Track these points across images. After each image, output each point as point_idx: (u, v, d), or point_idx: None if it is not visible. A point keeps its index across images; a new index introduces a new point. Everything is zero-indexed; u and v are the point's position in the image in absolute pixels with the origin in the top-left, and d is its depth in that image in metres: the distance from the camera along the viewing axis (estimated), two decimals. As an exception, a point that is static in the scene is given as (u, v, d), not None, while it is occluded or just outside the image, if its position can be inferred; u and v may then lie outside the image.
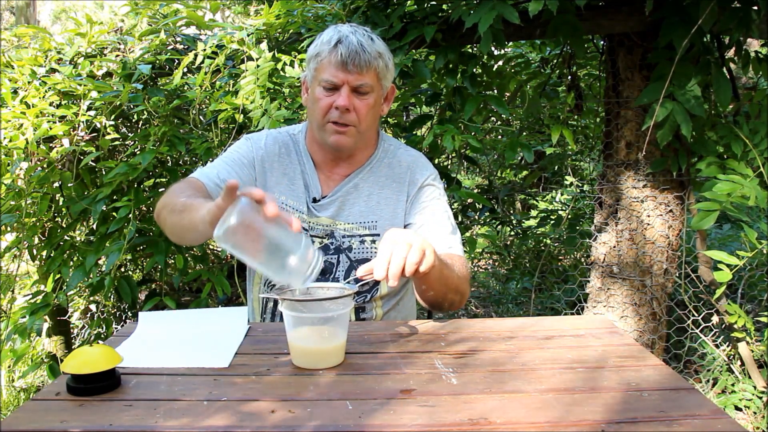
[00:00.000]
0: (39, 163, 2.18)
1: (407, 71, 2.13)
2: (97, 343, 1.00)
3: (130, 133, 2.53)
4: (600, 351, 1.10)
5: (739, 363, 2.38)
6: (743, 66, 2.11)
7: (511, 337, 1.18)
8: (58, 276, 2.19)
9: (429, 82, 2.46)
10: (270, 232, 0.96)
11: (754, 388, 2.29)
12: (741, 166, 1.88)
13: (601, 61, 2.60)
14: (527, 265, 3.99)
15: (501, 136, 3.33)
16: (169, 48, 2.31)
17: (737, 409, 2.33)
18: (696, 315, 2.28)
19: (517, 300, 3.74)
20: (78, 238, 2.39)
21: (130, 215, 2.03)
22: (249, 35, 2.13)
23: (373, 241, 1.44)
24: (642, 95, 1.96)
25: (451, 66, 2.19)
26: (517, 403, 0.88)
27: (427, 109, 2.46)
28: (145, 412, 0.86)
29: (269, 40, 2.23)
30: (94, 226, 2.26)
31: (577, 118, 3.06)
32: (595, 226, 2.38)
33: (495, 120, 3.33)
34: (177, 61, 2.21)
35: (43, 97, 2.13)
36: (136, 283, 2.28)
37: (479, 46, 1.96)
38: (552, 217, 3.70)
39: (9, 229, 2.25)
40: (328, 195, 1.46)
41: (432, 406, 0.88)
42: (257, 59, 2.03)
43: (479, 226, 3.99)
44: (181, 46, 2.35)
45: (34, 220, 2.25)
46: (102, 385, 0.92)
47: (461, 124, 2.12)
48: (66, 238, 2.31)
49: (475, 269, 4.38)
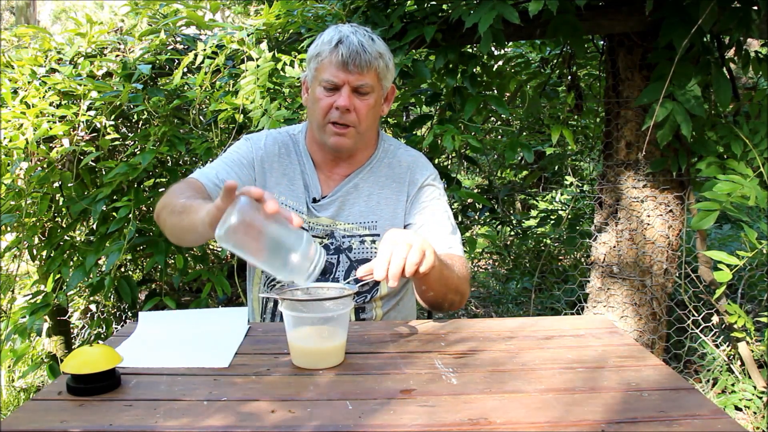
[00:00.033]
0: (39, 163, 2.18)
1: (407, 71, 2.13)
2: (97, 343, 1.00)
3: (130, 133, 2.53)
4: (600, 351, 1.10)
5: (739, 363, 2.38)
6: (743, 66, 2.11)
7: (511, 337, 1.18)
8: (58, 276, 2.19)
9: (429, 82, 2.46)
10: (271, 230, 0.96)
11: (754, 388, 2.29)
12: (741, 166, 1.88)
13: (601, 61, 2.60)
14: (527, 265, 3.99)
15: (501, 136, 3.33)
16: (169, 48, 2.31)
17: (737, 409, 2.33)
18: (696, 315, 2.28)
19: (517, 300, 3.74)
20: (78, 238, 2.39)
21: (130, 215, 2.03)
22: (249, 35, 2.13)
23: (373, 241, 1.44)
24: (642, 95, 1.96)
25: (451, 66, 2.19)
26: (517, 403, 0.88)
27: (427, 109, 2.46)
28: (145, 412, 0.86)
29: (269, 40, 2.23)
30: (94, 226, 2.26)
31: (577, 118, 3.06)
32: (595, 226, 2.38)
33: (495, 120, 3.33)
34: (177, 61, 2.21)
35: (43, 97, 2.13)
36: (136, 283, 2.28)
37: (479, 46, 1.96)
38: (552, 217, 3.70)
39: (9, 229, 2.25)
40: (328, 195, 1.46)
41: (432, 406, 0.88)
42: (257, 59, 2.03)
43: (479, 226, 3.99)
44: (181, 46, 2.35)
45: (34, 220, 2.25)
46: (102, 385, 0.92)
47: (461, 124, 2.12)
48: (66, 238, 2.31)
49: (475, 269, 4.38)
